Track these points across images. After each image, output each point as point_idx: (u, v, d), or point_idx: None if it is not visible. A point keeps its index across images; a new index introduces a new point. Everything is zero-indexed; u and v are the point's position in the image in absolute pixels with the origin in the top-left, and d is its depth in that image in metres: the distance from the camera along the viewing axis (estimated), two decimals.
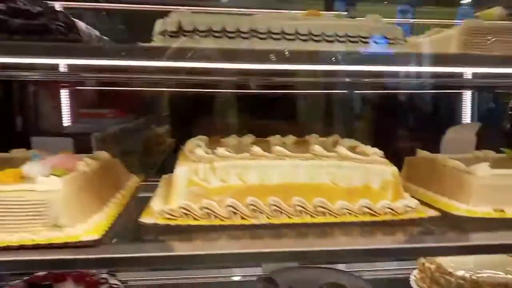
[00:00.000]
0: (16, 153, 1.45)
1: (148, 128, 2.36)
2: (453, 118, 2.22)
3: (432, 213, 1.21)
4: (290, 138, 1.56)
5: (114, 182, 1.37)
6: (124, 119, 2.20)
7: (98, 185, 1.20)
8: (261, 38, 1.07)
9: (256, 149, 1.21)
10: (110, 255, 0.90)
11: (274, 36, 1.06)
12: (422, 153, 1.57)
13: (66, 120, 2.06)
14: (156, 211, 1.11)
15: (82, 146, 1.82)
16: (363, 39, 1.12)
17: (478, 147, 1.70)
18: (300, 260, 1.32)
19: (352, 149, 1.35)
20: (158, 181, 1.59)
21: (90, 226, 1.00)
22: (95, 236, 0.96)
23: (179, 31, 1.01)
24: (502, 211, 1.22)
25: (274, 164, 1.18)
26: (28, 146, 1.57)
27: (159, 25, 1.02)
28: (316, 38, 1.08)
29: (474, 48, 1.18)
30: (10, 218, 0.94)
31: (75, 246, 0.93)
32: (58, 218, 0.95)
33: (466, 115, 2.23)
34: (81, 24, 1.01)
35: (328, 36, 1.10)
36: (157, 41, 1.02)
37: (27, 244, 0.91)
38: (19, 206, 0.94)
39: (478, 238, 1.10)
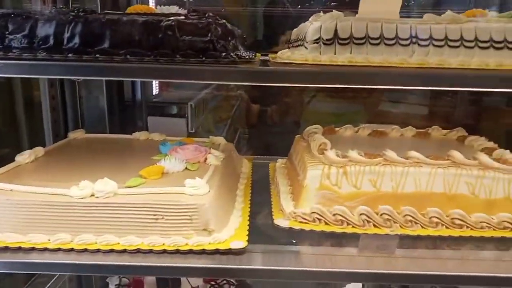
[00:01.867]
0: (139, 135, 1.52)
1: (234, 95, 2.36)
2: None
3: None
4: (410, 130, 1.47)
5: (234, 171, 1.41)
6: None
7: (226, 178, 1.23)
8: (421, 45, 0.98)
9: (390, 153, 1.15)
10: (261, 266, 0.94)
11: (435, 43, 0.96)
12: None
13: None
14: (288, 213, 1.13)
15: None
16: None
17: None
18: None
19: (488, 151, 1.25)
20: (266, 162, 1.63)
21: (232, 230, 1.04)
22: (241, 242, 0.99)
23: (334, 38, 0.94)
24: None
25: (409, 172, 1.13)
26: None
27: (312, 32, 0.96)
28: (482, 45, 0.97)
29: None
30: (163, 221, 0.99)
31: (225, 253, 0.97)
32: (208, 223, 0.99)
33: None
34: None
35: (496, 42, 0.97)
36: (310, 50, 0.96)
37: (183, 250, 0.97)
38: (172, 210, 0.99)
39: None
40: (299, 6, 2.01)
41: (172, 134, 1.56)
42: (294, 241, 1.07)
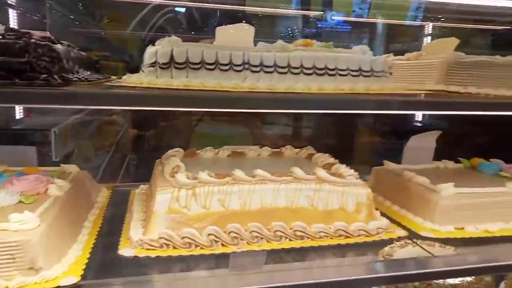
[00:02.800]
0: None
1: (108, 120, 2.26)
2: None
3: (401, 233, 1.28)
4: (266, 150, 1.56)
5: (85, 200, 1.31)
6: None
7: (71, 209, 1.15)
8: (253, 71, 1.05)
9: (238, 173, 1.20)
10: None
11: (266, 69, 1.04)
12: (389, 165, 1.65)
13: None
14: (135, 241, 1.09)
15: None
16: (352, 72, 1.13)
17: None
18: None
19: (329, 166, 1.38)
20: (128, 189, 1.56)
21: (67, 266, 0.96)
22: (73, 278, 0.92)
23: (170, 62, 0.96)
24: (462, 229, 1.32)
25: (255, 189, 1.18)
26: None
27: (149, 56, 0.97)
28: (307, 72, 1.08)
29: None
30: None
31: None
32: (35, 260, 0.90)
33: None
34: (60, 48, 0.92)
35: (318, 69, 1.09)
36: (146, 73, 0.96)
37: None
38: None
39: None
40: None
41: (20, 163, 1.40)
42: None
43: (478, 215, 1.34)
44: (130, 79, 1.01)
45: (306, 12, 2.02)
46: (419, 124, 2.62)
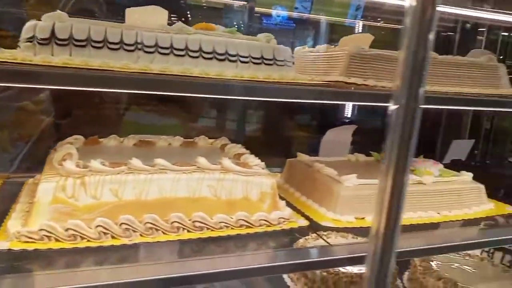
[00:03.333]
0: None
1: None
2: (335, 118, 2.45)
3: (303, 223, 1.30)
4: (177, 140, 1.50)
5: None
6: None
7: None
8: (146, 52, 0.99)
9: (135, 162, 1.14)
10: None
11: (161, 50, 0.99)
12: (301, 157, 1.67)
13: None
14: (12, 234, 0.99)
15: None
16: (253, 60, 1.11)
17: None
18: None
19: (238, 157, 1.36)
20: (22, 180, 1.43)
21: None
22: None
23: (51, 38, 0.88)
24: (363, 219, 1.37)
25: (153, 179, 1.13)
26: None
27: (26, 31, 0.87)
28: (206, 56, 1.04)
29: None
30: None
31: None
32: None
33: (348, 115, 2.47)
34: None
35: (219, 54, 1.06)
36: (22, 49, 0.87)
37: None
38: None
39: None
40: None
41: None
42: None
43: None
44: (2, 54, 0.90)
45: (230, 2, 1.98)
46: (345, 119, 2.70)
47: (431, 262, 1.69)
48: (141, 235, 1.08)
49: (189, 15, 2.05)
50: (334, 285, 1.51)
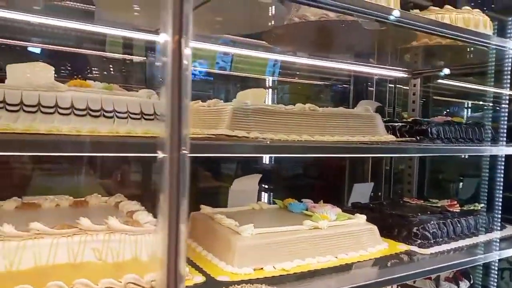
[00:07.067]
0: None
1: None
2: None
3: (199, 279, 1.27)
4: (66, 200, 1.43)
5: None
6: None
7: None
8: (9, 111, 0.96)
9: (6, 228, 1.06)
10: None
11: (26, 108, 0.97)
12: (204, 209, 1.67)
13: None
14: None
15: None
16: (132, 115, 1.12)
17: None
18: None
19: (130, 214, 1.32)
20: None
21: None
22: None
23: None
24: (261, 269, 1.37)
25: (27, 245, 1.05)
26: None
27: None
28: (78, 113, 1.03)
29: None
30: None
31: None
32: None
33: None
34: None
35: (92, 110, 1.06)
36: None
37: None
38: None
39: None
40: None
41: None
42: None
43: (277, 254, 1.42)
44: None
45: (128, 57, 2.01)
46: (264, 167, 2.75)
47: None
48: None
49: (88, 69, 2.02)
50: None
